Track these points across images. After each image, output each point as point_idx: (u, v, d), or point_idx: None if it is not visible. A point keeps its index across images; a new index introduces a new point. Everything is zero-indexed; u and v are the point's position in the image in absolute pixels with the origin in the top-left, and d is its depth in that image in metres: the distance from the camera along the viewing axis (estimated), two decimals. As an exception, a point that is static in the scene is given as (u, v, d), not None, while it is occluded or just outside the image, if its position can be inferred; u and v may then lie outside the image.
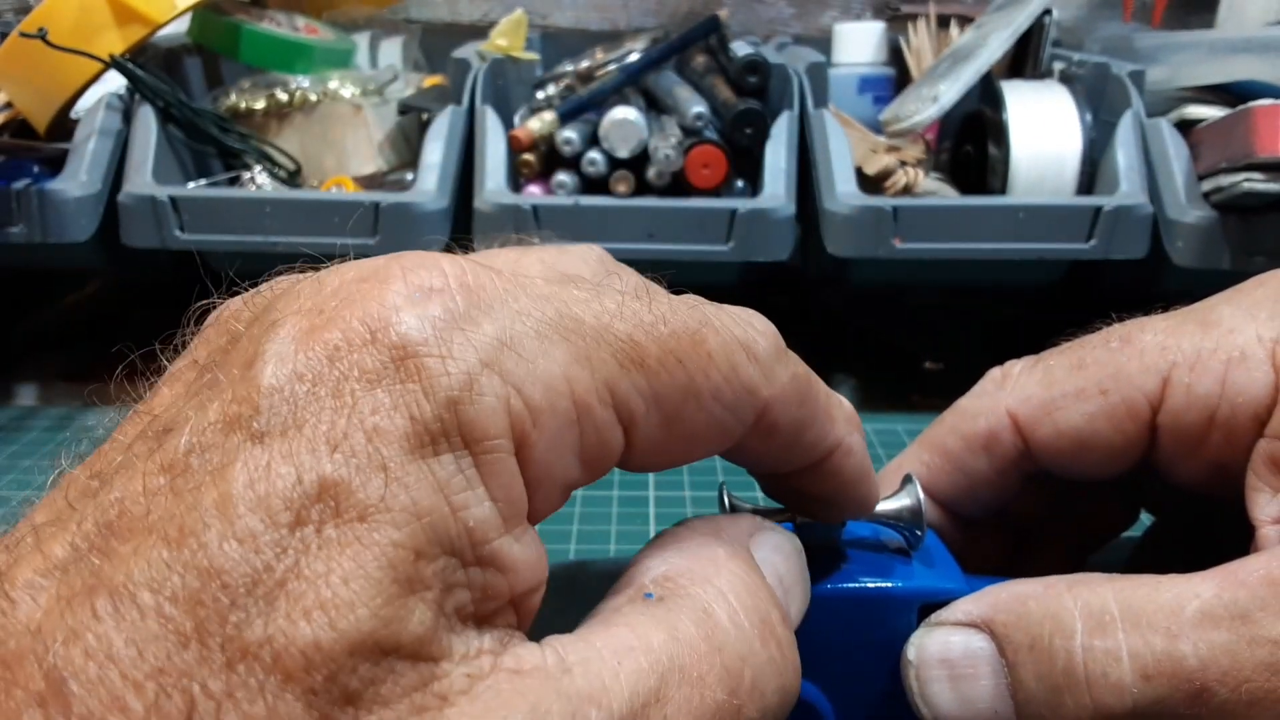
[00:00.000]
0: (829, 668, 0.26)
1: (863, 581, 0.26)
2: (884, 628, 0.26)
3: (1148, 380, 0.25)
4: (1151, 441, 0.25)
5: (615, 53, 0.64)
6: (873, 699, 0.26)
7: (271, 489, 0.16)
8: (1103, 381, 0.25)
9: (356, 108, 0.58)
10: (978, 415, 0.28)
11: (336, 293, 0.18)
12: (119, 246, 0.52)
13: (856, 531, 0.27)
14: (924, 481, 0.27)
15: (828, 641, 0.26)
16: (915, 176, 0.55)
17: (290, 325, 0.17)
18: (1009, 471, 0.27)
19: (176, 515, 0.15)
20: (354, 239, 0.51)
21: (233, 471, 0.16)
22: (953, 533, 0.29)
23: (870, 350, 0.68)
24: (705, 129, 0.53)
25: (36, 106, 0.58)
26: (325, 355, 0.17)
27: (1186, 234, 0.50)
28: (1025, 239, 0.50)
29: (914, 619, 0.26)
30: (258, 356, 0.17)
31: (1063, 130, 0.54)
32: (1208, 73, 0.58)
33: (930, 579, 0.26)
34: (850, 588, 0.26)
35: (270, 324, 0.17)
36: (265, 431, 0.16)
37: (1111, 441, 0.25)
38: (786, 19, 0.80)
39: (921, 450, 0.29)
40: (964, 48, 0.58)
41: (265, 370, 0.17)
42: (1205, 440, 0.24)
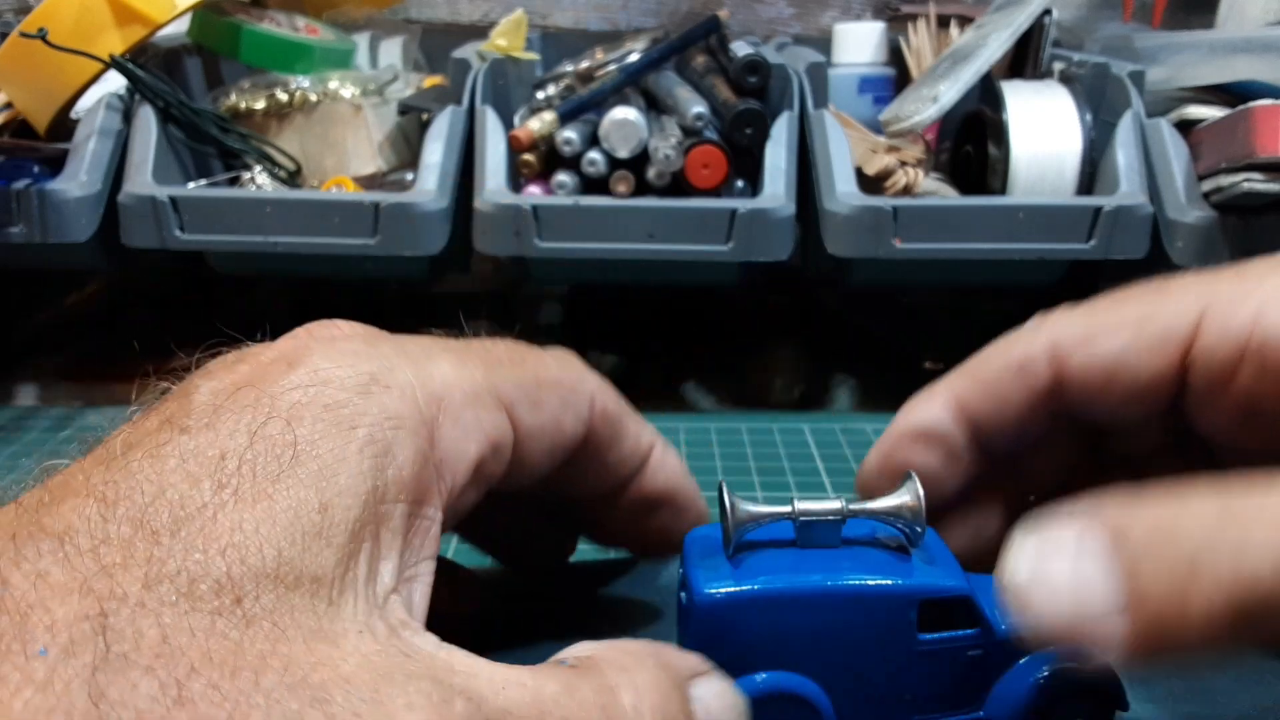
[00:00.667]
0: (827, 663, 0.26)
1: (861, 579, 0.26)
2: (883, 624, 0.26)
3: (1183, 316, 0.26)
4: (1182, 381, 0.26)
5: (615, 53, 0.64)
6: (871, 694, 0.27)
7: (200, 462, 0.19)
8: (1140, 316, 0.26)
9: (357, 108, 0.58)
10: (1015, 342, 0.29)
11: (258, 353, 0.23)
12: (119, 247, 0.52)
13: (856, 530, 0.27)
14: (954, 399, 0.29)
15: (826, 637, 0.26)
16: (915, 176, 0.55)
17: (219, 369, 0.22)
18: (1038, 405, 0.28)
19: (112, 482, 0.19)
20: (354, 239, 0.51)
21: (165, 450, 0.19)
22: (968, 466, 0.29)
23: (870, 350, 0.68)
24: (705, 129, 0.53)
25: (36, 106, 0.58)
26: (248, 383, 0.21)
27: (1186, 234, 0.50)
28: (1025, 239, 0.51)
29: (914, 616, 0.26)
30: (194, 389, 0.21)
31: (1063, 130, 0.54)
32: (1208, 73, 0.58)
33: (930, 576, 0.27)
34: (849, 585, 0.26)
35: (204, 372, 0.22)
36: (193, 426, 0.20)
37: (1143, 373, 0.26)
38: (786, 19, 0.80)
39: (956, 375, 0.30)
40: (964, 48, 0.58)
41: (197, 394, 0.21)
42: (1235, 376, 0.25)
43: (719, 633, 0.26)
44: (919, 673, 0.27)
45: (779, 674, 0.26)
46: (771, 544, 0.27)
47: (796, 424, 0.54)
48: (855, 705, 0.27)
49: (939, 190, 0.57)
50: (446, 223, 0.52)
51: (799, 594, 0.26)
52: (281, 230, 0.51)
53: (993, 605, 0.27)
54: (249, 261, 0.55)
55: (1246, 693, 0.30)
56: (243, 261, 0.56)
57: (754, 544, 0.27)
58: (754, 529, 0.27)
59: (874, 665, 0.27)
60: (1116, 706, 0.28)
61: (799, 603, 0.26)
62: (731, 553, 0.27)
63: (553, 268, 0.58)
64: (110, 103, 0.56)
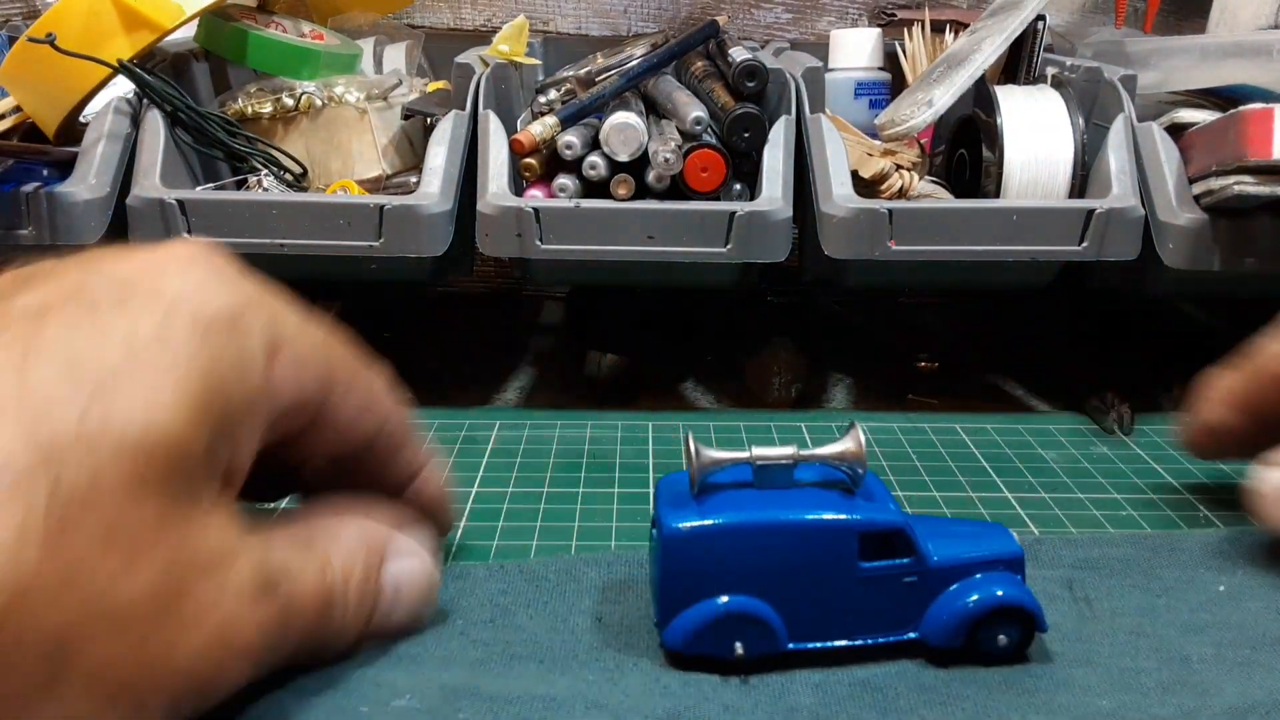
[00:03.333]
0: (780, 587, 0.31)
1: (810, 514, 0.30)
2: (829, 553, 0.30)
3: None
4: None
5: (616, 58, 0.65)
6: (819, 614, 0.31)
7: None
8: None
9: (362, 112, 0.59)
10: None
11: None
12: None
13: (807, 474, 0.32)
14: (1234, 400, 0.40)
15: (779, 565, 0.30)
16: (910, 180, 0.56)
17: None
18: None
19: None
20: (359, 241, 0.52)
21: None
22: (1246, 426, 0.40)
23: (866, 349, 0.69)
24: (704, 133, 0.53)
25: (45, 110, 0.59)
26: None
27: (1177, 236, 0.51)
28: (1019, 241, 0.51)
29: (855, 545, 0.30)
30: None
31: (1055, 134, 0.55)
32: (1199, 77, 0.59)
33: (870, 511, 0.31)
34: (799, 519, 0.30)
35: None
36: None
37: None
38: (784, 24, 0.81)
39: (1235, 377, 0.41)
40: (958, 53, 0.59)
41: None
42: None
43: (686, 563, 0.30)
44: (861, 596, 0.31)
45: (738, 597, 0.30)
46: (732, 485, 0.32)
47: (794, 422, 0.55)
48: (805, 624, 0.31)
49: (934, 193, 0.58)
50: (450, 225, 0.52)
51: (755, 527, 0.30)
52: (288, 232, 0.52)
53: (925, 538, 0.31)
54: (255, 263, 0.55)
55: (1234, 684, 0.31)
56: (249, 263, 0.56)
57: (717, 486, 0.31)
58: (716, 472, 0.31)
59: (822, 589, 0.31)
60: (1036, 628, 0.32)
61: (755, 535, 0.30)
62: (696, 493, 0.31)
63: (554, 269, 0.59)
64: (119, 107, 0.56)
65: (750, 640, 0.30)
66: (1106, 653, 0.33)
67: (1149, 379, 0.59)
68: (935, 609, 0.32)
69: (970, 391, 0.61)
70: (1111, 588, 0.37)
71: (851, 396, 0.60)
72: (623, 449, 0.51)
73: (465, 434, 0.54)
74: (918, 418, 0.56)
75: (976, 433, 0.54)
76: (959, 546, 0.32)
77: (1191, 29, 0.78)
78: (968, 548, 0.32)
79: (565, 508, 0.45)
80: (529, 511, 0.44)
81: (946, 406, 0.58)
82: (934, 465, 0.50)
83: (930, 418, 0.56)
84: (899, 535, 0.31)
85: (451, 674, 0.30)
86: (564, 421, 0.55)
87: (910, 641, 0.32)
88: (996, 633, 0.31)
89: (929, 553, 0.31)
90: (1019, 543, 0.33)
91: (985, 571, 0.32)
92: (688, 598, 0.31)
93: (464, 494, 0.46)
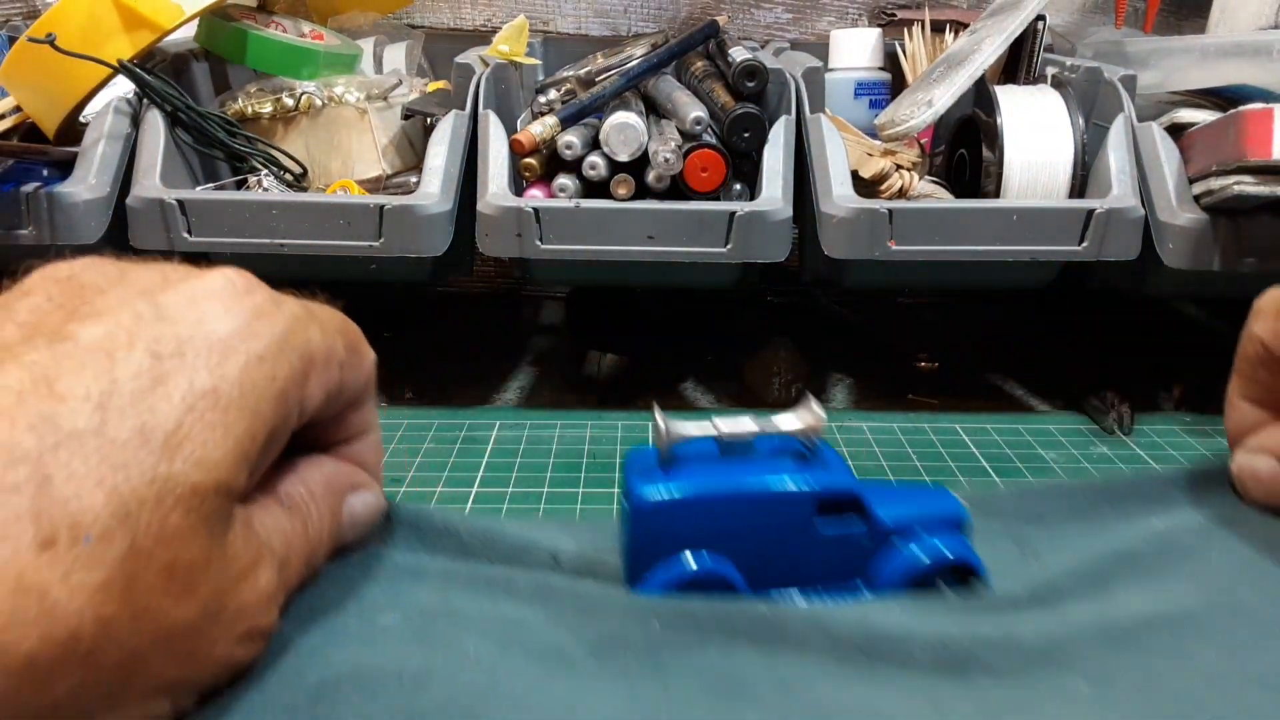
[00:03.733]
0: (743, 550, 0.33)
1: (771, 483, 0.32)
2: (788, 518, 0.32)
3: None
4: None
5: (616, 58, 0.65)
6: (776, 573, 0.33)
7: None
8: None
9: (361, 112, 0.59)
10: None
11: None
12: (127, 249, 0.53)
13: (767, 445, 0.34)
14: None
15: (742, 530, 0.32)
16: (910, 180, 0.56)
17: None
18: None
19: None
20: (359, 241, 0.52)
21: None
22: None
23: (866, 349, 0.69)
24: (704, 133, 0.53)
25: (45, 110, 0.59)
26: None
27: (1177, 236, 0.51)
28: (1019, 241, 0.51)
29: (813, 511, 0.32)
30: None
31: (1055, 134, 0.55)
32: (1199, 77, 0.59)
33: (826, 479, 0.33)
34: (761, 488, 0.32)
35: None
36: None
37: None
38: (784, 24, 0.81)
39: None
40: (958, 53, 0.59)
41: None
42: None
43: (655, 530, 0.32)
44: (818, 555, 0.33)
45: (703, 560, 0.32)
46: (697, 457, 0.33)
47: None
48: (767, 582, 0.33)
49: (934, 193, 0.58)
50: (450, 225, 0.52)
51: (719, 496, 0.32)
52: (288, 232, 0.52)
53: (875, 501, 0.33)
54: (256, 263, 0.56)
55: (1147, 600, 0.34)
56: (250, 263, 0.56)
57: (683, 457, 0.33)
58: (683, 445, 0.33)
59: (781, 550, 0.33)
60: (974, 576, 0.34)
61: (719, 503, 0.32)
62: (664, 463, 0.33)
63: (554, 269, 0.59)
64: (119, 107, 0.56)
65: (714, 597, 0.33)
66: (1037, 581, 0.35)
67: (1149, 379, 0.60)
68: (886, 566, 0.34)
69: (970, 391, 0.61)
70: (1054, 535, 0.39)
71: (851, 396, 0.60)
72: (623, 449, 0.51)
73: (465, 434, 0.54)
74: (918, 417, 0.56)
75: (976, 433, 0.54)
76: (907, 507, 0.34)
77: (1191, 29, 0.78)
78: (916, 509, 0.34)
79: (565, 508, 0.45)
80: (529, 512, 0.44)
81: (946, 406, 0.58)
82: (934, 465, 0.50)
83: (930, 417, 0.56)
84: (853, 500, 0.33)
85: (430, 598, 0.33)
86: (564, 421, 0.55)
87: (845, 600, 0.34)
88: (943, 584, 0.34)
89: (881, 515, 0.34)
90: (963, 504, 0.35)
91: (931, 530, 0.34)
92: (656, 561, 0.33)
93: (464, 494, 0.46)
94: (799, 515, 0.33)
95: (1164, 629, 0.32)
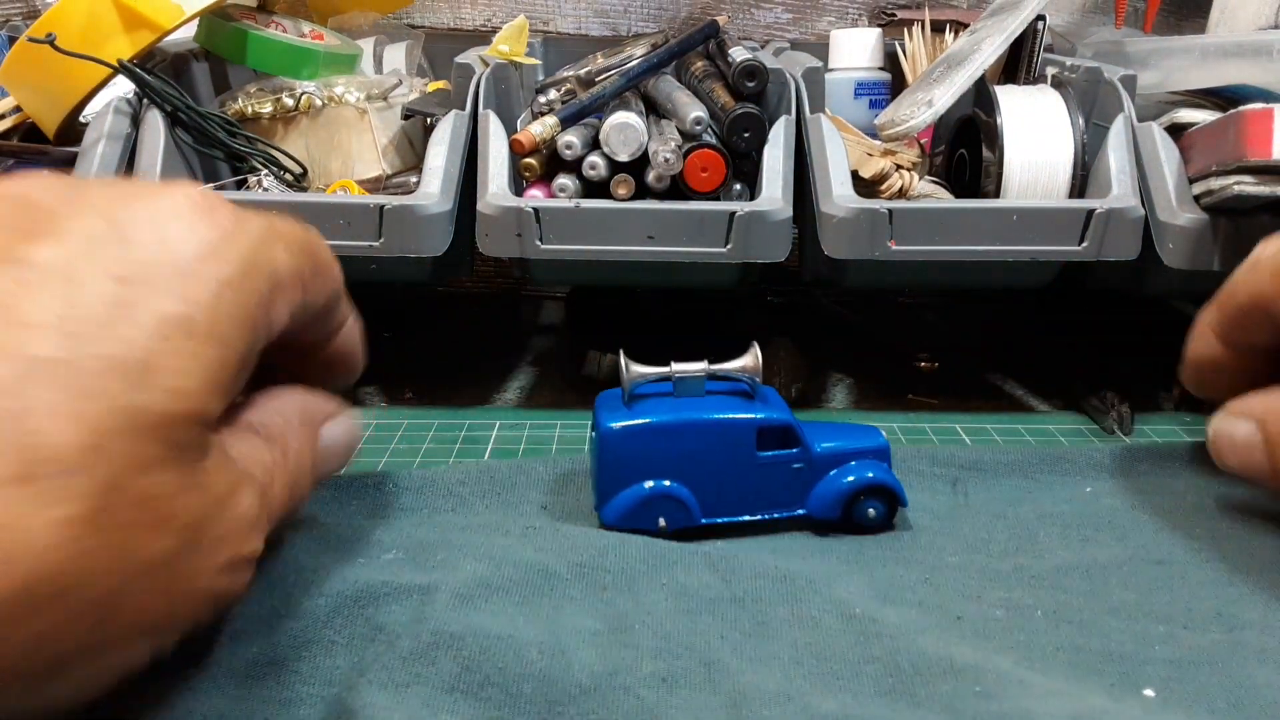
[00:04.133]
0: (695, 473, 0.38)
1: (717, 414, 0.38)
2: (732, 445, 0.38)
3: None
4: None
5: (616, 58, 0.65)
6: (723, 494, 0.39)
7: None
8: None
9: (361, 112, 0.59)
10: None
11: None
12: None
13: (715, 385, 0.39)
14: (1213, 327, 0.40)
15: (693, 455, 0.38)
16: (910, 180, 0.56)
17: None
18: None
19: None
20: (359, 240, 0.52)
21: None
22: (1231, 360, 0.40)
23: (866, 349, 0.69)
24: (704, 133, 0.53)
25: (45, 110, 0.59)
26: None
27: (1177, 236, 0.51)
28: (1019, 241, 0.51)
29: (753, 438, 0.38)
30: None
31: (1055, 134, 0.55)
32: (1199, 77, 0.59)
33: (765, 411, 0.38)
34: (708, 418, 0.38)
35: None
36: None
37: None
38: (784, 24, 0.81)
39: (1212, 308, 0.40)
40: (958, 53, 0.59)
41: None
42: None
43: (619, 455, 0.38)
44: (759, 479, 0.39)
45: (660, 482, 0.38)
46: (655, 395, 0.39)
47: (794, 423, 0.55)
48: (715, 502, 0.39)
49: (934, 193, 0.58)
50: (449, 225, 0.52)
51: (674, 425, 0.38)
52: (288, 232, 0.52)
53: (810, 434, 0.39)
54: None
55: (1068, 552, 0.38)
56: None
57: (643, 395, 0.39)
58: (643, 384, 0.39)
59: (727, 474, 0.38)
60: (899, 503, 0.40)
61: (674, 431, 0.38)
62: (627, 400, 0.39)
63: (554, 269, 0.59)
64: (119, 107, 0.56)
65: (671, 515, 0.38)
66: (968, 529, 0.40)
67: (1148, 379, 0.60)
68: (819, 489, 0.39)
69: (970, 391, 0.61)
70: (989, 484, 0.44)
71: (851, 396, 0.60)
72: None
73: (465, 434, 0.54)
74: (918, 417, 0.56)
75: (976, 432, 0.54)
76: (837, 440, 0.40)
77: (1191, 29, 0.78)
78: (844, 441, 0.40)
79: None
80: (529, 511, 0.44)
81: (946, 406, 0.58)
82: (934, 465, 0.50)
83: (930, 417, 0.56)
84: (788, 430, 0.39)
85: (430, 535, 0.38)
86: (564, 421, 0.55)
87: (800, 517, 0.40)
88: (867, 507, 0.39)
89: (813, 444, 0.39)
90: (885, 439, 0.40)
91: (858, 459, 0.39)
92: (620, 483, 0.38)
93: (464, 494, 0.46)
94: (742, 443, 0.38)
95: (1080, 572, 0.37)
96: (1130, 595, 0.35)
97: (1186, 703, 0.30)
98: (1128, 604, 0.35)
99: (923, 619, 0.33)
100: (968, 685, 0.30)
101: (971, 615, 0.34)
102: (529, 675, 0.29)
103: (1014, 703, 0.29)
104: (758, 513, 0.39)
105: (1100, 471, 0.45)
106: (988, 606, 0.34)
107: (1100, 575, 0.36)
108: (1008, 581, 0.36)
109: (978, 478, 0.44)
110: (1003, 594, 0.35)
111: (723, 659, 0.31)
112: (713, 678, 0.30)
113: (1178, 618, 0.34)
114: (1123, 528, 0.40)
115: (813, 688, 0.30)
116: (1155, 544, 0.36)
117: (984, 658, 0.31)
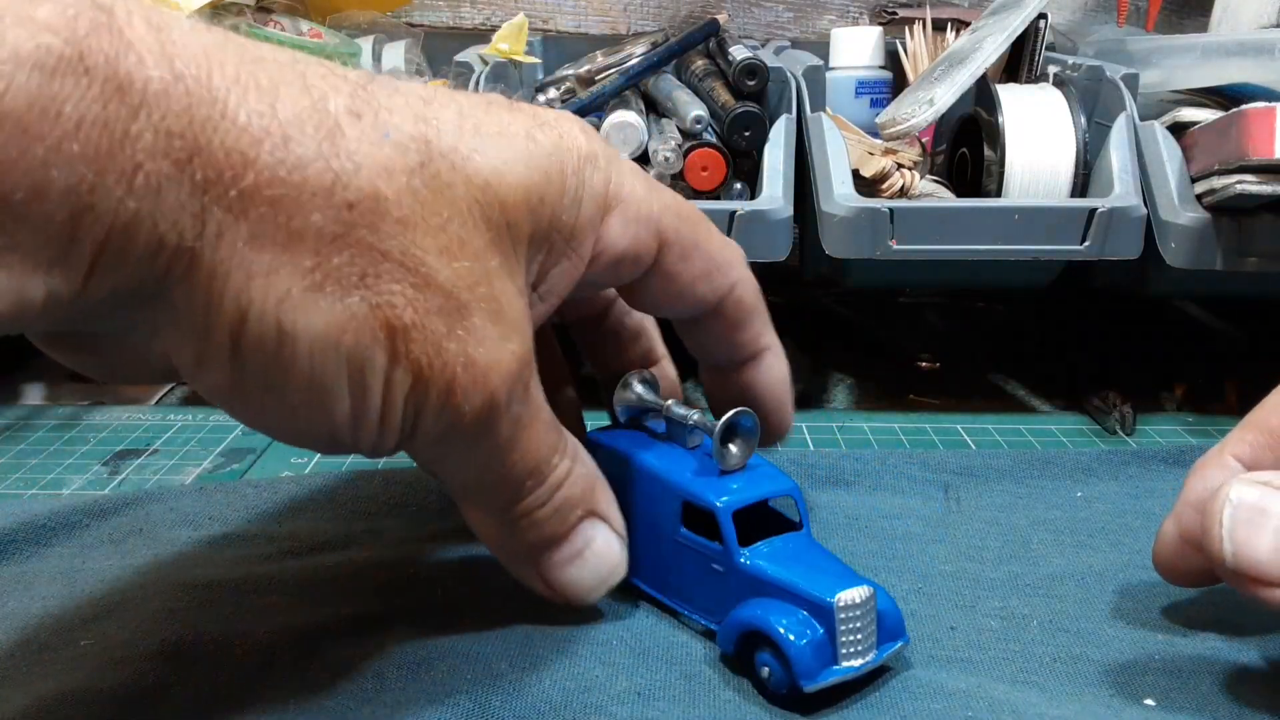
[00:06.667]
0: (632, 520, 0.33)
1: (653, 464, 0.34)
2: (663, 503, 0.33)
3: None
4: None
5: (616, 56, 0.65)
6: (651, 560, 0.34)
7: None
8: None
9: (360, 111, 0.58)
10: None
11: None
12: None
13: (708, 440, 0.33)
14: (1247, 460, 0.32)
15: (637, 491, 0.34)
16: (911, 179, 0.56)
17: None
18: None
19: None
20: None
21: None
22: None
23: (867, 349, 0.69)
24: (704, 132, 0.53)
25: (43, 110, 0.58)
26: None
27: (1179, 235, 0.51)
28: (1021, 240, 0.51)
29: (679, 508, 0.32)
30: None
31: (1057, 133, 0.55)
32: (1201, 76, 0.59)
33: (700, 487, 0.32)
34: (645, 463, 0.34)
35: None
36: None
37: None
38: (785, 23, 0.81)
39: (1245, 432, 0.33)
40: (959, 52, 0.59)
41: None
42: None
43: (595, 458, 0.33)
44: (681, 562, 0.33)
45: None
46: (645, 428, 0.36)
47: (795, 422, 0.55)
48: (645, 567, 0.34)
49: (935, 192, 0.57)
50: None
51: (619, 454, 0.34)
52: (286, 232, 0.52)
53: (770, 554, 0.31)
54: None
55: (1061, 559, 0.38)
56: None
57: (637, 422, 0.36)
58: (638, 409, 0.36)
59: (655, 538, 0.33)
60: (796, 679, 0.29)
61: (619, 460, 0.34)
62: (623, 423, 0.36)
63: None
64: (117, 106, 0.56)
65: None
66: (960, 535, 0.40)
67: (1151, 379, 0.59)
68: (733, 611, 0.31)
69: (971, 391, 0.60)
70: (981, 490, 0.44)
71: (852, 396, 0.60)
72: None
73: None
74: (919, 418, 0.56)
75: (978, 433, 0.53)
76: (781, 568, 0.30)
77: (1193, 27, 0.78)
78: (785, 573, 0.30)
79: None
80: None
81: (948, 406, 0.58)
82: (935, 465, 0.50)
83: (931, 418, 0.56)
84: (712, 518, 0.31)
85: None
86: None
87: (710, 630, 0.32)
88: (765, 658, 0.29)
89: (736, 552, 0.31)
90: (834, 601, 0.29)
91: (787, 602, 0.30)
92: None
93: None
94: (669, 506, 0.33)
95: (1075, 580, 0.36)
96: (1127, 603, 0.35)
97: (1189, 712, 0.29)
98: (1124, 612, 0.35)
99: (915, 630, 0.33)
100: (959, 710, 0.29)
101: (965, 626, 0.34)
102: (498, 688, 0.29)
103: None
104: (677, 602, 0.33)
105: (1089, 476, 0.45)
106: (982, 616, 0.34)
107: (1096, 582, 0.36)
108: (1002, 590, 0.36)
109: (969, 483, 0.44)
110: (997, 603, 0.35)
111: (704, 671, 0.31)
112: (692, 689, 0.30)
113: (1176, 625, 0.34)
114: (1115, 534, 0.40)
115: None
116: (1149, 550, 0.36)
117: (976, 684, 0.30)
